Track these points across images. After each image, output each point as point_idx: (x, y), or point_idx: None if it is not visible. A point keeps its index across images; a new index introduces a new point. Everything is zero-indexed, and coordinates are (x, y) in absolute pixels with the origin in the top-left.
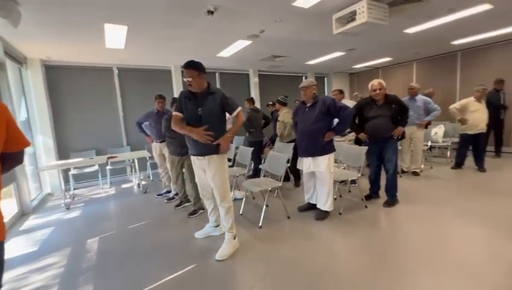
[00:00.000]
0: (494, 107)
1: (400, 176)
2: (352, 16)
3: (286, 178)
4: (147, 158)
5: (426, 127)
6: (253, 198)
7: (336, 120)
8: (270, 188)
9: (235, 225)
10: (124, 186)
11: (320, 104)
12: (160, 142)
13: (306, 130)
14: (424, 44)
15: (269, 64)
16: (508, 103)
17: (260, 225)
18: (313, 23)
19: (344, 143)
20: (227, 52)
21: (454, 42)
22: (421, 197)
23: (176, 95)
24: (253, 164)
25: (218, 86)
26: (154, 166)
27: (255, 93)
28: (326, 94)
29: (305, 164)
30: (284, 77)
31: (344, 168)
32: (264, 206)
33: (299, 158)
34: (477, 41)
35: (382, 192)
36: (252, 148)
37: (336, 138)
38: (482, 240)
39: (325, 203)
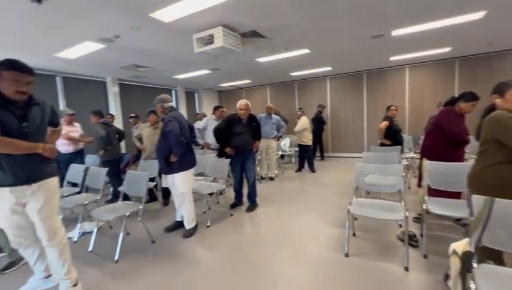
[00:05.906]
0: (318, 124)
1: (260, 182)
2: (210, 39)
3: (154, 198)
4: None
5: (278, 140)
6: (111, 227)
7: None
8: (128, 213)
9: (80, 265)
10: None
11: (163, 124)
12: None
13: (156, 148)
14: (272, 72)
15: (132, 73)
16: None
17: (116, 258)
18: (176, 39)
19: (211, 156)
20: (71, 54)
21: (292, 73)
22: (276, 198)
23: None
24: (112, 187)
25: (61, 92)
26: None
27: (115, 104)
28: (197, 109)
29: (168, 181)
30: (151, 89)
31: (212, 181)
32: (121, 236)
33: (163, 176)
34: (307, 74)
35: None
36: (107, 169)
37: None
38: (311, 226)
39: (186, 220)
